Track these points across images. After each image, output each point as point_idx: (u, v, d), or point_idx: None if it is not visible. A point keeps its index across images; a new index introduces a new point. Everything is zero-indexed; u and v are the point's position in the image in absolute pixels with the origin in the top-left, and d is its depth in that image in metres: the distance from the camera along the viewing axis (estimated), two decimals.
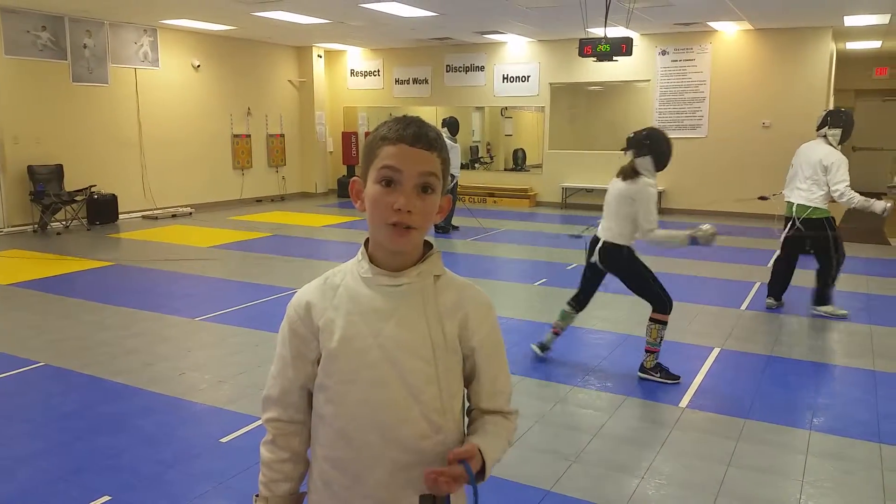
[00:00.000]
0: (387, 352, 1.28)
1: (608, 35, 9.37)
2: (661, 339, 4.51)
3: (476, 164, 15.25)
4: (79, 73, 10.95)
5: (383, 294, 1.31)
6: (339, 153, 15.43)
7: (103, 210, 11.05)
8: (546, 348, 4.95)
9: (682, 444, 3.65)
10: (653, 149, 4.40)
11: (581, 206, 13.41)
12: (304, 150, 15.28)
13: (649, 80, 12.75)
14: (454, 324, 1.33)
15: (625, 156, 4.56)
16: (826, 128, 5.88)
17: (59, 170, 10.60)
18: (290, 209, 13.21)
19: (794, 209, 5.95)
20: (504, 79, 13.95)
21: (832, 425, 3.89)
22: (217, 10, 10.48)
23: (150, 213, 11.98)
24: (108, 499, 3.07)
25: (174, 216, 12.07)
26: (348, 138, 15.01)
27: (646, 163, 4.42)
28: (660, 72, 12.63)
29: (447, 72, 14.47)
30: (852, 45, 13.67)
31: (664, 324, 4.48)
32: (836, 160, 5.73)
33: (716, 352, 5.10)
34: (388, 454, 1.29)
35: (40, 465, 3.39)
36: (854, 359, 5.00)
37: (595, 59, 9.55)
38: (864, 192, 5.86)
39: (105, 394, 4.27)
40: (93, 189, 10.92)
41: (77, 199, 10.62)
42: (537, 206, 13.89)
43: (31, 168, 10.27)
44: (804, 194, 5.87)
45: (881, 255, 8.90)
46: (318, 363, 1.33)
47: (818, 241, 5.89)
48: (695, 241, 4.37)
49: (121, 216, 11.37)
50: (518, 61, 13.79)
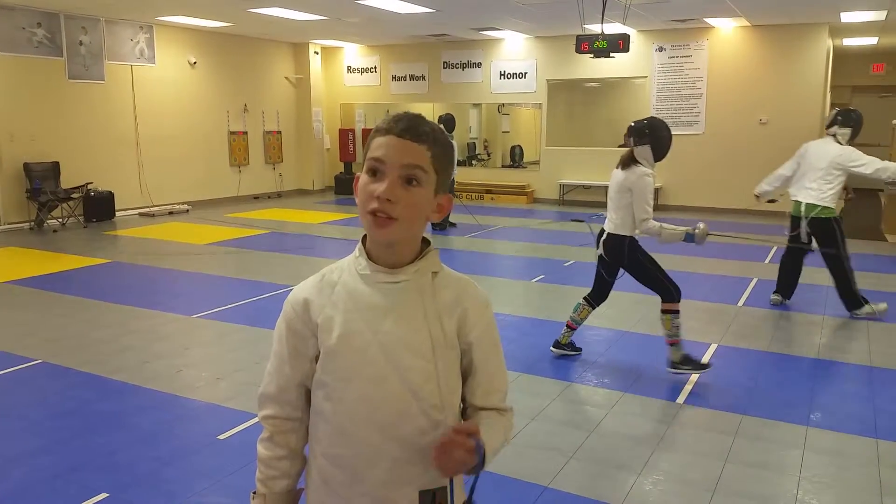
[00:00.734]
0: (386, 349, 1.28)
1: (605, 31, 9.38)
2: (678, 328, 4.47)
3: (473, 161, 15.24)
4: (75, 70, 10.92)
5: (382, 291, 1.30)
6: (336, 150, 15.41)
7: (100, 207, 11.02)
8: (562, 345, 4.90)
9: (679, 441, 3.65)
10: (652, 138, 4.38)
11: (578, 203, 13.41)
12: (301, 146, 15.26)
13: (646, 77, 12.75)
14: (453, 320, 1.33)
15: (626, 144, 4.54)
16: (836, 126, 5.84)
17: (55, 167, 10.57)
18: (287, 206, 13.19)
19: (802, 208, 5.90)
20: (501, 75, 13.94)
21: (829, 421, 3.90)
22: (213, 7, 10.46)
23: (147, 210, 11.95)
24: (105, 496, 3.06)
25: (171, 213, 12.04)
26: (345, 135, 14.99)
27: (645, 152, 4.40)
28: (657, 68, 12.63)
29: (444, 68, 14.45)
30: (849, 42, 13.67)
31: (676, 312, 4.46)
32: (852, 153, 5.71)
33: (713, 348, 5.10)
34: (387, 451, 1.29)
35: (37, 462, 3.38)
36: (851, 355, 5.01)
37: (592, 55, 9.56)
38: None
39: (102, 391, 4.26)
40: (89, 186, 10.89)
41: (73, 196, 10.59)
42: (535, 202, 13.89)
43: (27, 165, 10.24)
44: (814, 193, 5.81)
45: (878, 252, 8.92)
46: (316, 360, 1.33)
47: (826, 243, 5.81)
48: (690, 237, 4.41)
49: (117, 213, 11.35)
50: (515, 58, 13.78)
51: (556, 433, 3.73)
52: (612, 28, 10.50)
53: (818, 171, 5.81)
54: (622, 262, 4.53)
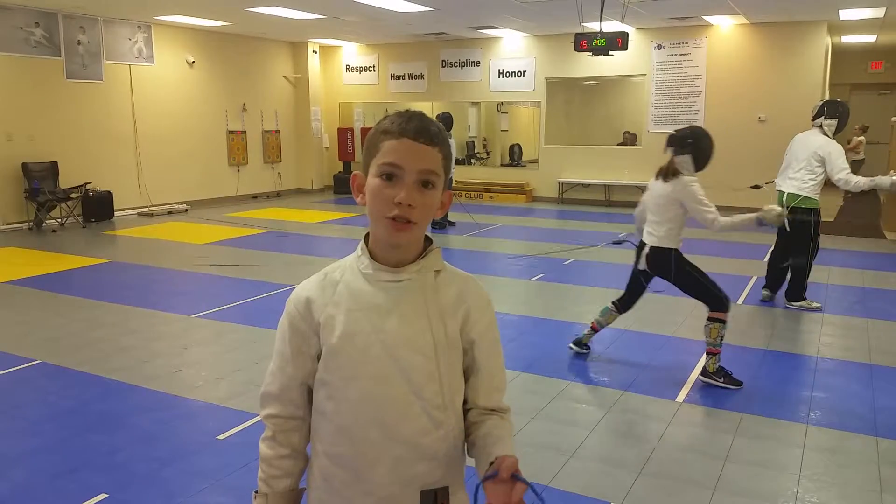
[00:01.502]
0: (388, 348, 1.28)
1: (604, 29, 9.37)
2: (721, 339, 4.35)
3: (472, 160, 15.23)
4: (73, 70, 10.91)
5: (384, 290, 1.30)
6: (334, 149, 15.40)
7: (98, 207, 11.01)
8: (583, 344, 4.87)
9: (679, 439, 3.65)
10: (695, 147, 4.28)
11: (577, 202, 13.41)
12: (300, 146, 15.25)
13: (645, 75, 12.74)
14: (456, 319, 1.33)
15: (664, 154, 4.42)
16: (822, 118, 5.88)
17: (53, 167, 10.56)
18: (286, 206, 13.19)
19: (784, 198, 5.95)
20: (500, 74, 13.93)
21: (829, 419, 3.90)
22: (211, 6, 10.45)
23: (146, 210, 11.94)
24: (104, 496, 3.06)
25: (170, 213, 12.03)
26: (344, 134, 14.98)
27: (686, 162, 4.30)
28: (655, 66, 12.62)
29: (443, 67, 14.45)
30: (848, 39, 13.67)
31: (724, 322, 4.35)
32: (833, 150, 5.74)
33: None
34: (389, 450, 1.29)
35: (36, 462, 3.38)
36: (850, 353, 5.01)
37: (591, 53, 9.55)
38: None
39: (101, 391, 4.25)
40: (88, 186, 10.88)
41: (72, 196, 10.58)
42: (534, 201, 13.89)
43: (25, 165, 10.23)
44: (796, 183, 5.89)
45: (877, 250, 8.92)
46: (318, 359, 1.33)
47: (798, 232, 5.87)
48: (761, 221, 4.31)
49: (116, 213, 11.34)
50: (514, 56, 13.77)
51: (556, 432, 3.72)
52: (611, 26, 10.50)
53: (801, 162, 5.88)
54: (669, 275, 4.41)
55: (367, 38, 14.26)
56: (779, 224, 4.43)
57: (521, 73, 13.73)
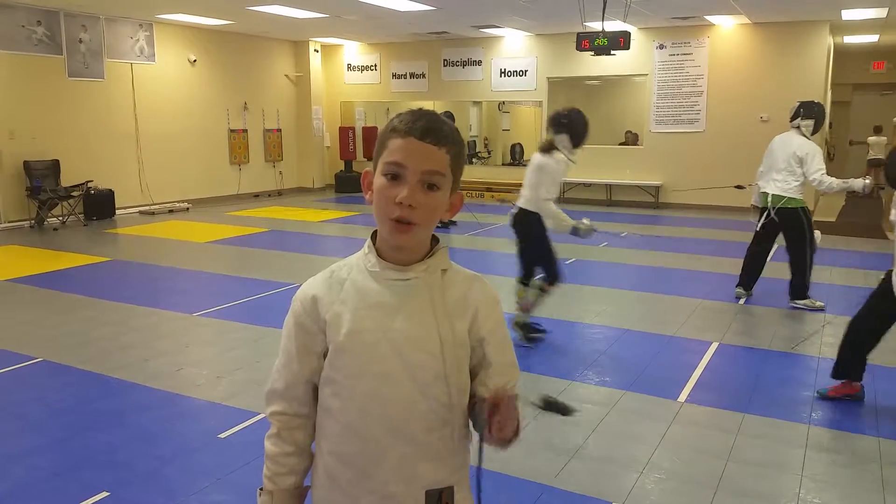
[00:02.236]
0: (395, 346, 1.27)
1: (606, 29, 9.36)
2: (535, 303, 4.94)
3: (474, 159, 15.23)
4: (74, 68, 10.91)
5: (391, 288, 1.30)
6: (336, 148, 15.40)
7: (100, 205, 11.01)
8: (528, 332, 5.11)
9: (681, 439, 3.65)
10: (570, 127, 4.85)
11: (579, 201, 13.40)
12: (302, 145, 15.24)
13: (647, 75, 12.73)
14: (464, 318, 1.32)
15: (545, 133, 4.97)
16: (799, 119, 5.98)
17: (55, 165, 10.56)
18: (287, 204, 13.18)
19: (769, 199, 5.99)
20: (501, 73, 13.92)
21: (831, 419, 3.89)
22: (213, 5, 10.45)
23: (147, 208, 11.95)
24: (106, 495, 3.06)
25: (171, 211, 12.04)
26: (345, 133, 14.98)
27: (563, 140, 4.86)
28: (657, 66, 12.61)
29: (444, 66, 14.44)
30: (850, 39, 13.66)
31: (547, 293, 4.95)
32: (811, 150, 5.83)
33: (714, 346, 5.10)
34: (395, 448, 1.28)
35: (37, 461, 3.38)
36: None
37: (593, 53, 9.55)
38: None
39: (103, 390, 4.25)
40: (89, 184, 10.89)
41: (74, 194, 10.59)
42: None
43: (27, 164, 10.23)
44: (779, 185, 5.94)
45: (879, 250, 8.90)
46: (324, 357, 1.32)
47: (792, 232, 5.95)
48: (576, 231, 4.85)
49: (118, 212, 11.34)
50: (515, 55, 13.76)
51: (558, 432, 3.72)
52: (613, 25, 10.48)
53: (782, 163, 5.94)
54: (525, 234, 4.94)
55: (369, 37, 14.26)
56: (588, 237, 4.97)
57: (522, 73, 13.72)
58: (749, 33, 11.95)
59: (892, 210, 4.24)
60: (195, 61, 12.79)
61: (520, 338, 4.98)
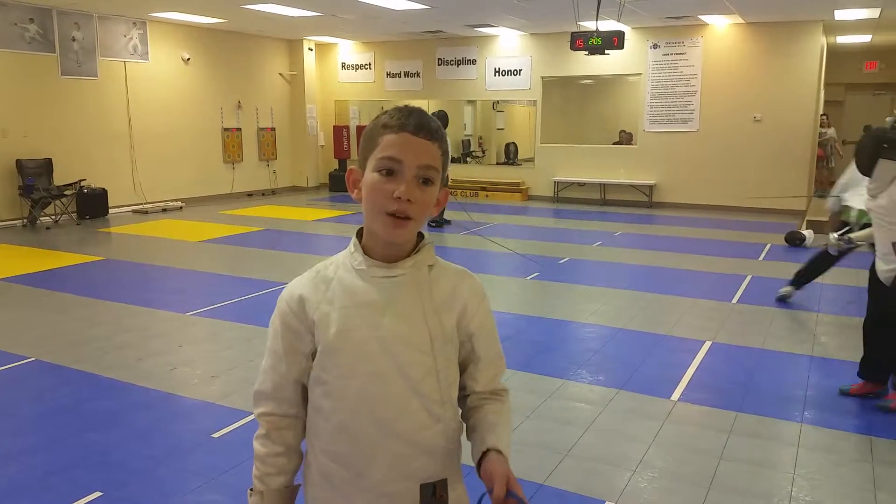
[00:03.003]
0: (385, 344, 1.28)
1: (600, 28, 9.37)
2: None
3: (468, 158, 15.23)
4: (67, 67, 10.87)
5: (378, 286, 1.30)
6: (330, 147, 15.38)
7: (93, 204, 10.97)
8: None
9: (674, 438, 3.66)
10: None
11: (573, 200, 13.42)
12: (296, 143, 15.22)
13: (640, 74, 12.75)
14: (452, 313, 1.33)
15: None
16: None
17: (48, 164, 10.52)
18: (281, 203, 13.16)
19: (854, 213, 5.82)
20: (496, 72, 13.92)
21: (823, 418, 3.91)
22: (207, 3, 10.42)
23: (141, 207, 11.91)
24: (99, 495, 3.05)
25: (164, 210, 12.01)
26: (340, 132, 14.96)
27: None
28: (651, 65, 12.63)
29: (439, 65, 14.43)
30: (843, 39, 13.71)
31: None
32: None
33: (707, 345, 5.11)
34: (388, 447, 1.29)
35: (31, 460, 3.37)
36: (844, 352, 5.01)
37: (587, 52, 9.56)
38: None
39: (96, 389, 4.24)
40: (82, 183, 10.85)
41: (66, 193, 10.54)
42: (529, 199, 13.89)
43: (19, 162, 10.18)
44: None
45: (873, 249, 8.93)
46: (313, 357, 1.32)
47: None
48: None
49: (111, 210, 11.30)
50: (510, 55, 13.77)
51: (552, 430, 3.73)
52: (607, 25, 10.50)
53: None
54: None
55: (364, 35, 14.24)
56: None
57: (517, 72, 13.73)
58: (742, 33, 11.98)
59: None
60: (189, 60, 12.75)
61: None
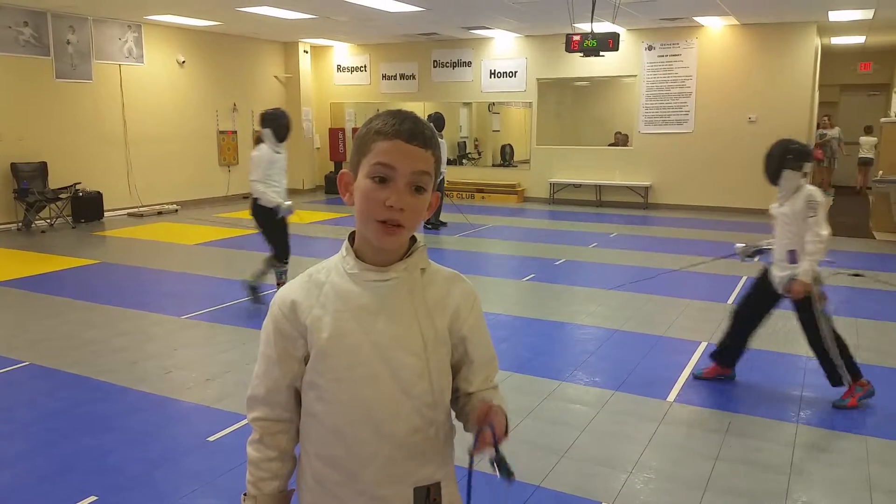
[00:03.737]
0: (379, 348, 1.28)
1: (595, 30, 9.39)
2: (264, 275, 6.02)
3: (464, 160, 15.24)
4: (62, 70, 10.84)
5: (371, 290, 1.30)
6: (325, 149, 15.37)
7: (88, 208, 10.95)
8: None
9: (670, 439, 3.66)
10: (273, 123, 5.80)
11: (569, 202, 13.43)
12: (291, 146, 15.01)
13: (636, 76, 12.78)
14: (444, 316, 1.33)
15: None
16: None
17: (43, 167, 10.50)
18: None
19: None
20: (491, 74, 13.94)
21: (819, 419, 3.92)
22: (202, 6, 10.41)
23: (136, 210, 11.89)
24: (94, 499, 3.04)
25: (160, 213, 11.98)
26: (335, 134, 14.96)
27: (268, 134, 5.82)
28: (646, 67, 12.66)
29: (434, 67, 14.44)
30: (837, 41, 13.75)
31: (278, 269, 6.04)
32: None
33: (703, 346, 5.12)
34: (381, 450, 1.29)
35: (26, 465, 3.36)
36: None
37: (582, 54, 9.58)
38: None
39: (91, 393, 4.23)
40: (77, 187, 10.82)
41: (62, 196, 10.52)
42: (525, 201, 13.90)
43: (14, 166, 10.16)
44: None
45: (866, 249, 8.97)
46: (306, 361, 1.32)
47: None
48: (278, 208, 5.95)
49: (106, 214, 11.27)
50: (505, 57, 13.79)
51: (548, 432, 3.73)
52: (602, 27, 10.52)
53: None
54: (259, 219, 6.11)
55: (359, 38, 14.24)
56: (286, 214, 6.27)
57: (512, 74, 13.75)
58: (737, 34, 12.01)
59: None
60: (184, 62, 12.74)
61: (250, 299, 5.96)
